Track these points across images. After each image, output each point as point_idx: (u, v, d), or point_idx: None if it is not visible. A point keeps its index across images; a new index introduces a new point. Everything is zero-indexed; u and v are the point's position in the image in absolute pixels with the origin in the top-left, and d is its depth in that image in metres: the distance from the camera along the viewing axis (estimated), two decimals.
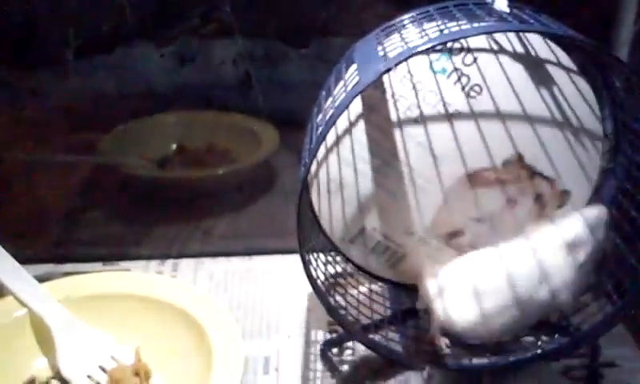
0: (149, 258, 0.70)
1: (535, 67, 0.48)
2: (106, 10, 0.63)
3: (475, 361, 0.51)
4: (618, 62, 0.44)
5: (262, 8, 0.64)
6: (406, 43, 0.43)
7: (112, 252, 0.70)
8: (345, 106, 0.42)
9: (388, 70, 0.41)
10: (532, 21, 0.43)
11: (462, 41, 0.48)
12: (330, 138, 0.49)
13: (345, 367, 0.54)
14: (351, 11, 0.64)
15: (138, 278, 0.60)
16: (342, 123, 0.49)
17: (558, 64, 0.49)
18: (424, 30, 0.45)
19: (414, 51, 0.41)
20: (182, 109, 0.70)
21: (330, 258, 0.55)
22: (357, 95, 0.42)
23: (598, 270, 0.49)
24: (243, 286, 0.66)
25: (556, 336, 0.52)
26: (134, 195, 0.73)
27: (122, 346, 0.54)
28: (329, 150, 0.50)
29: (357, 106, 0.49)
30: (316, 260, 0.50)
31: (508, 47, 0.48)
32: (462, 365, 0.50)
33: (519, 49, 0.48)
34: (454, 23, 0.44)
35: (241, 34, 0.63)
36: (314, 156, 0.44)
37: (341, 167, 0.50)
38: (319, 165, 0.50)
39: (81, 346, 0.53)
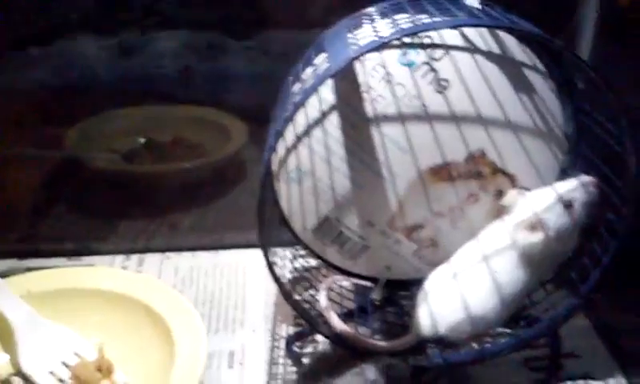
0: (114, 252, 0.69)
1: (502, 65, 0.49)
2: (47, 1, 0.62)
3: (435, 354, 0.51)
4: (580, 60, 0.45)
5: (204, 0, 0.63)
6: (377, 33, 0.44)
7: (77, 247, 0.70)
8: (314, 89, 0.42)
9: (358, 57, 0.41)
10: (500, 18, 0.44)
11: (433, 35, 0.48)
12: (298, 125, 0.50)
13: (308, 360, 0.54)
14: (294, 3, 0.64)
15: (102, 273, 0.59)
16: (310, 112, 0.49)
17: (525, 63, 0.49)
18: (395, 21, 0.45)
19: (385, 40, 0.41)
20: (123, 101, 0.69)
21: (294, 252, 0.56)
22: (326, 79, 0.42)
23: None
24: (209, 280, 0.66)
25: (516, 327, 0.52)
26: (100, 189, 0.72)
27: (85, 341, 0.54)
28: (295, 138, 0.50)
29: (325, 96, 0.49)
30: (274, 253, 0.51)
31: (478, 44, 0.49)
32: (421, 359, 0.51)
33: (489, 46, 0.48)
34: (425, 16, 0.45)
35: (183, 26, 0.63)
36: (279, 137, 0.44)
37: (306, 155, 0.50)
38: (285, 152, 0.50)
39: (43, 342, 0.53)
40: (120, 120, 0.73)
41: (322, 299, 0.51)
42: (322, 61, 0.48)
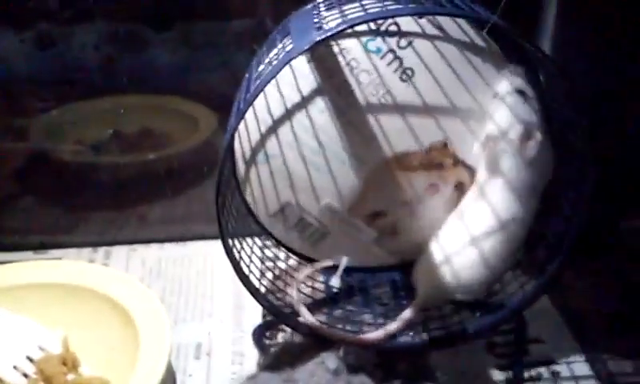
0: (81, 245, 0.69)
1: (468, 55, 0.48)
2: None
3: (397, 340, 0.51)
4: (540, 52, 0.45)
5: None
6: (345, 17, 0.43)
7: (44, 240, 0.69)
8: (275, 72, 0.42)
9: (323, 40, 0.41)
10: (464, 7, 0.44)
11: (399, 22, 0.48)
12: (263, 109, 0.49)
13: (273, 350, 0.54)
14: None
15: (67, 266, 0.59)
16: (276, 95, 0.49)
17: (490, 54, 0.49)
18: (364, 6, 0.44)
19: (351, 23, 0.41)
20: (48, 93, 0.68)
21: (262, 243, 0.55)
22: (288, 62, 0.42)
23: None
24: (177, 271, 0.66)
25: (479, 313, 0.52)
26: (67, 182, 0.71)
27: (50, 335, 0.54)
28: (260, 122, 0.49)
29: (293, 80, 0.48)
30: (239, 242, 0.50)
31: (444, 33, 0.48)
32: (382, 344, 0.51)
33: (455, 36, 0.48)
34: (392, 2, 0.44)
35: (101, 17, 0.63)
36: (241, 118, 0.44)
37: (271, 140, 0.50)
38: (248, 134, 0.50)
39: (6, 336, 0.52)
40: (88, 112, 0.72)
41: (294, 293, 0.51)
42: (286, 43, 0.47)
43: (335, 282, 0.51)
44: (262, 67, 0.48)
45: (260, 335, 0.56)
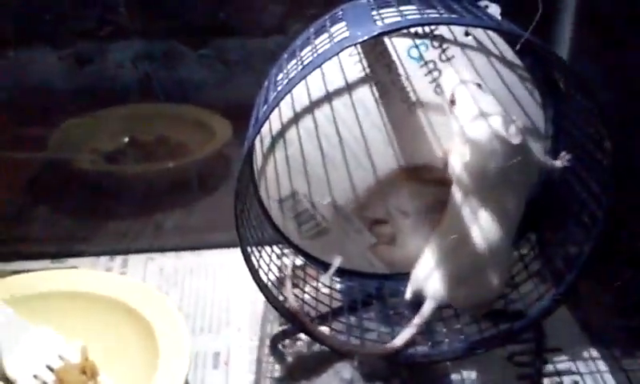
0: (98, 254, 0.69)
1: (503, 74, 0.49)
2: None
3: (417, 350, 0.51)
4: (560, 61, 0.45)
5: (157, 9, 0.64)
6: (403, 16, 0.43)
7: (61, 249, 0.69)
8: (329, 55, 0.41)
9: (383, 34, 0.41)
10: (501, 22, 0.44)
11: (445, 35, 0.48)
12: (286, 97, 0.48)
13: (291, 359, 0.54)
14: (248, 12, 0.64)
15: (85, 275, 0.59)
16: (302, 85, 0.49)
17: (514, 67, 0.49)
18: (420, 10, 0.44)
19: (412, 23, 0.42)
20: (68, 104, 0.68)
21: (277, 251, 0.55)
22: (344, 49, 0.41)
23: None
24: (194, 280, 0.65)
25: (499, 322, 0.52)
26: (83, 191, 0.72)
27: (69, 344, 0.54)
28: (282, 105, 0.49)
29: (324, 71, 0.49)
30: (258, 250, 0.51)
31: (484, 50, 0.48)
32: (403, 355, 0.51)
33: (493, 53, 0.48)
34: (445, 11, 0.45)
35: (137, 35, 0.63)
36: (276, 106, 0.43)
37: (291, 124, 0.50)
38: (270, 119, 0.49)
39: (26, 345, 0.52)
40: (104, 120, 0.72)
41: (287, 283, 0.51)
42: (338, 29, 0.46)
43: (326, 279, 0.51)
44: (308, 49, 0.47)
45: (278, 344, 0.56)
